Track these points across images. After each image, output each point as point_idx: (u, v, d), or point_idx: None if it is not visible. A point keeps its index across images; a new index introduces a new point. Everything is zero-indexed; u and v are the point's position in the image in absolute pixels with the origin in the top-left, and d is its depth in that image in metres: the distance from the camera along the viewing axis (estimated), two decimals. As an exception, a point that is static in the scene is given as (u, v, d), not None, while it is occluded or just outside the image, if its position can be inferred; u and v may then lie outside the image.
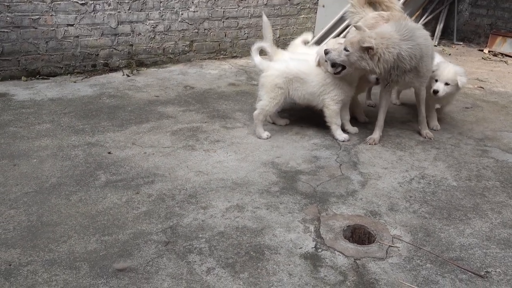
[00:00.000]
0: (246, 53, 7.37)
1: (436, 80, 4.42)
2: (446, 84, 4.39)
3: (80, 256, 2.63)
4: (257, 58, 4.41)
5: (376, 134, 4.41)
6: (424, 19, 8.52)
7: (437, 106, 4.83)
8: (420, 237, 2.93)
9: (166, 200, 3.24)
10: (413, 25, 4.25)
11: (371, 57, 3.90)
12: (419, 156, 4.10)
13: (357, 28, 4.17)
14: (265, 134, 4.35)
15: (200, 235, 2.87)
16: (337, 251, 2.76)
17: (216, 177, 3.59)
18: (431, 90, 4.41)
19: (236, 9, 7.10)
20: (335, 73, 4.16)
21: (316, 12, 7.89)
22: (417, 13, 8.44)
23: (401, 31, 4.02)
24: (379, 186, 3.57)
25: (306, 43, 5.17)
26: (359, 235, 3.05)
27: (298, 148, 4.19)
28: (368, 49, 3.87)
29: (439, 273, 2.60)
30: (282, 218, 3.09)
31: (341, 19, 7.26)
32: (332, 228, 3.00)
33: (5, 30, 5.56)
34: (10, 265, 2.54)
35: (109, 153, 3.90)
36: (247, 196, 3.34)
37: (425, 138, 4.48)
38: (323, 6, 7.80)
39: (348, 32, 6.82)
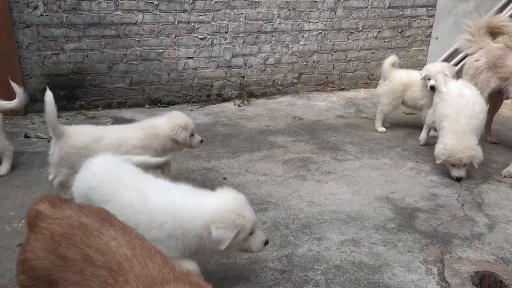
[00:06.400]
0: (354, 85, 7.34)
1: None
2: None
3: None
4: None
5: None
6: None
7: None
8: None
9: (280, 228, 3.26)
10: None
11: None
12: (556, 200, 3.68)
13: None
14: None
15: (316, 267, 2.82)
16: (467, 299, 2.54)
17: (329, 208, 3.55)
18: None
19: (345, 42, 7.12)
20: None
21: (428, 45, 7.62)
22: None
23: None
24: (510, 231, 3.24)
25: None
26: (489, 282, 2.79)
27: (414, 184, 3.99)
28: None
29: None
30: (401, 257, 2.93)
31: (456, 51, 6.92)
32: (458, 272, 2.78)
33: (135, 63, 6.16)
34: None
35: (225, 178, 4.06)
36: (362, 230, 3.24)
37: (563, 180, 4.02)
38: (436, 38, 7.51)
39: (464, 64, 6.50)
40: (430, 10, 7.45)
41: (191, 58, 6.39)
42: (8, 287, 2.61)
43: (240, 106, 6.38)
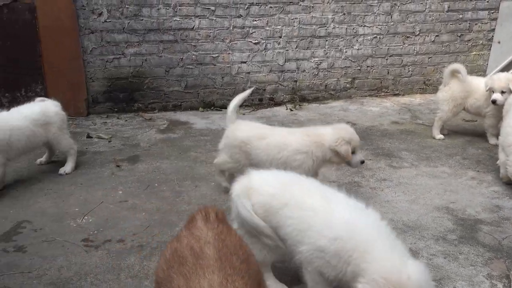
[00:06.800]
0: (409, 91, 7.15)
1: None
2: None
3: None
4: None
5: None
6: None
7: None
8: None
9: (335, 235, 3.22)
10: None
11: None
12: None
13: None
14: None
15: (372, 276, 2.76)
16: (536, 318, 2.40)
17: (385, 217, 3.43)
18: None
19: (401, 47, 6.95)
20: None
21: (489, 49, 7.29)
22: None
23: None
24: None
25: None
26: (560, 303, 2.62)
27: (475, 194, 3.83)
28: None
29: None
30: (463, 270, 2.82)
31: (521, 56, 6.60)
32: (526, 289, 2.64)
33: (190, 67, 6.32)
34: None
35: (278, 182, 4.06)
36: (421, 241, 3.14)
37: None
38: (499, 42, 7.17)
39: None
40: (492, 13, 7.13)
41: (245, 62, 6.47)
42: (73, 280, 2.74)
43: (292, 110, 6.38)
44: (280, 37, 6.49)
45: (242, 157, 3.58)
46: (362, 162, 3.49)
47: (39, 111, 4.09)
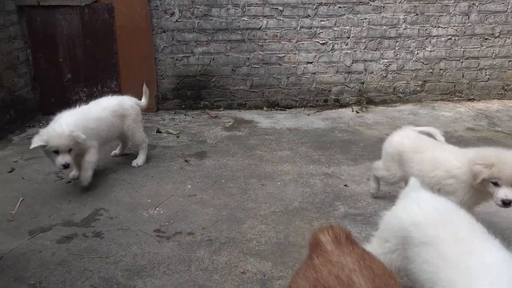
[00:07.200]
0: (486, 96, 6.77)
1: None
2: None
3: (326, 282, 2.68)
4: None
5: None
6: None
7: None
8: None
9: (408, 242, 3.09)
10: None
11: None
12: None
13: None
14: None
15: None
16: None
17: (462, 226, 3.28)
18: None
19: (478, 49, 6.59)
20: None
21: None
22: None
23: None
24: None
25: None
26: None
27: None
28: None
29: None
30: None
31: None
32: None
33: (256, 66, 6.36)
34: (264, 275, 2.77)
35: (345, 185, 3.98)
36: (503, 254, 2.94)
37: None
38: None
39: None
40: None
41: (311, 62, 6.42)
42: (147, 268, 2.83)
43: (358, 112, 6.24)
44: (348, 37, 6.37)
45: (395, 166, 3.38)
46: (505, 203, 2.69)
47: (116, 103, 4.29)
